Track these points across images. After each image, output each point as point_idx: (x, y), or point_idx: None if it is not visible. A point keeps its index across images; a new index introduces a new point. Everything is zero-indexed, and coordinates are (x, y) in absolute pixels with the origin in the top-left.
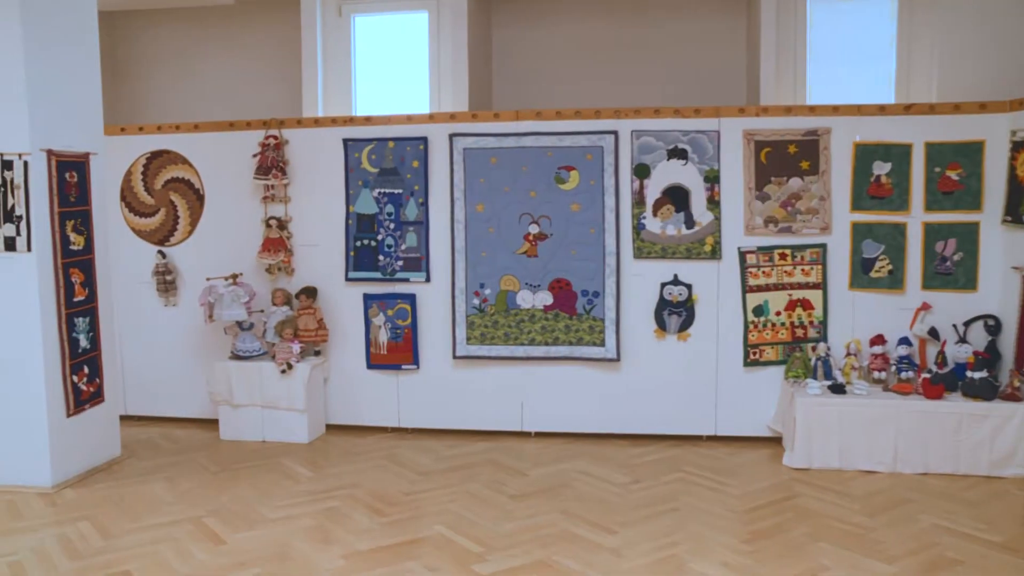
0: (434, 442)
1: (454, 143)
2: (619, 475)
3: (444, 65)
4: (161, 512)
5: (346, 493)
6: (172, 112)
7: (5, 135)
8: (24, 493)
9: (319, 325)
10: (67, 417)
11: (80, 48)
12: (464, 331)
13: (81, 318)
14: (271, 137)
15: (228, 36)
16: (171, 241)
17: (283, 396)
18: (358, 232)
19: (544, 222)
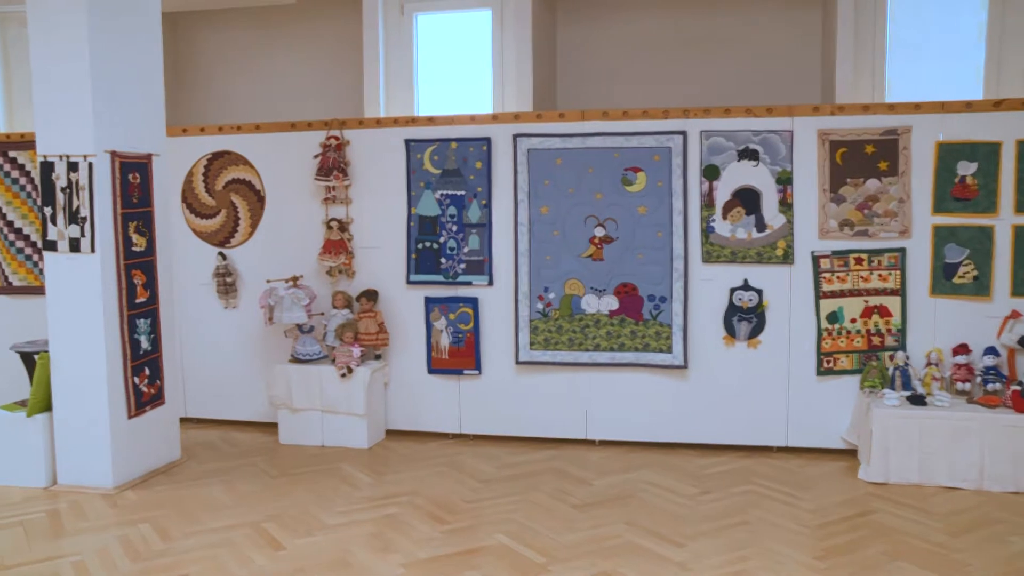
0: (496, 449)
1: (518, 144)
2: (686, 486)
3: (508, 64)
4: (220, 516)
5: (406, 500)
6: (233, 113)
7: (71, 137)
8: (87, 494)
9: (380, 329)
10: (128, 419)
11: (144, 49)
12: (527, 336)
13: (142, 319)
14: (332, 138)
15: (290, 36)
16: (232, 243)
17: (343, 400)
18: (420, 234)
19: (610, 225)
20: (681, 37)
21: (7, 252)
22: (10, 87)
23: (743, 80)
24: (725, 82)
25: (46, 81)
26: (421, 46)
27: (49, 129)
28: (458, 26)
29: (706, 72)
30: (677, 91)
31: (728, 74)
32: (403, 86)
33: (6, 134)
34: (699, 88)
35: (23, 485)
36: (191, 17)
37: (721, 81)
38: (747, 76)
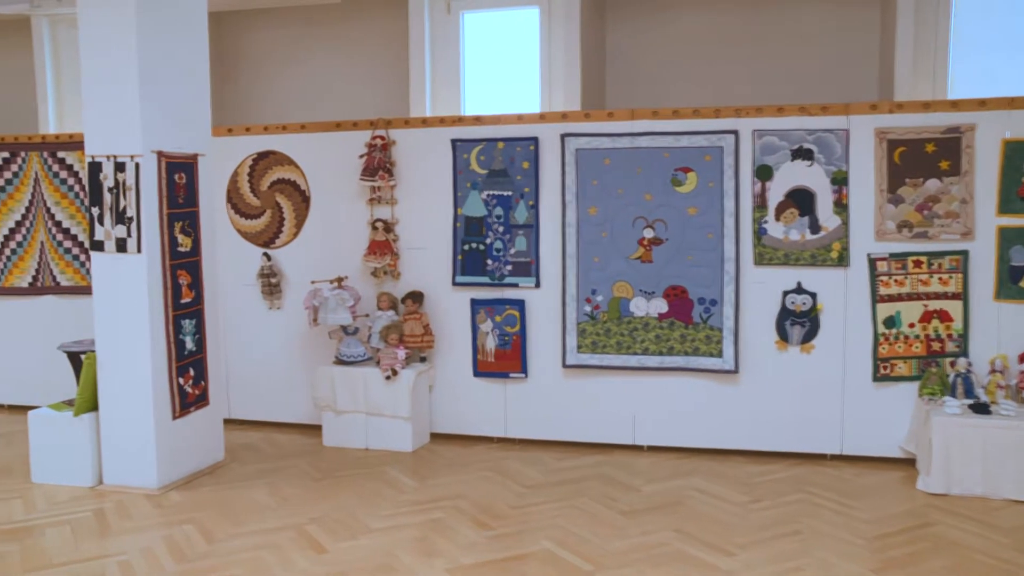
0: (542, 454)
1: (566, 143)
2: (737, 493)
3: (555, 62)
4: (264, 518)
5: (451, 505)
6: (279, 112)
7: (118, 138)
8: (132, 494)
9: (425, 331)
10: (173, 420)
11: (191, 50)
12: (575, 339)
13: (187, 320)
14: (378, 137)
15: (335, 35)
16: (276, 243)
17: (387, 403)
18: (466, 235)
19: (659, 226)
20: (733, 34)
21: (55, 252)
22: (60, 89)
23: (797, 78)
24: (778, 80)
25: (95, 82)
26: (468, 44)
27: (97, 130)
28: (505, 24)
29: (758, 70)
30: (729, 90)
31: (781, 72)
32: (450, 85)
33: (55, 135)
34: (751, 86)
35: (70, 484)
36: (237, 16)
37: (774, 79)
38: (801, 74)
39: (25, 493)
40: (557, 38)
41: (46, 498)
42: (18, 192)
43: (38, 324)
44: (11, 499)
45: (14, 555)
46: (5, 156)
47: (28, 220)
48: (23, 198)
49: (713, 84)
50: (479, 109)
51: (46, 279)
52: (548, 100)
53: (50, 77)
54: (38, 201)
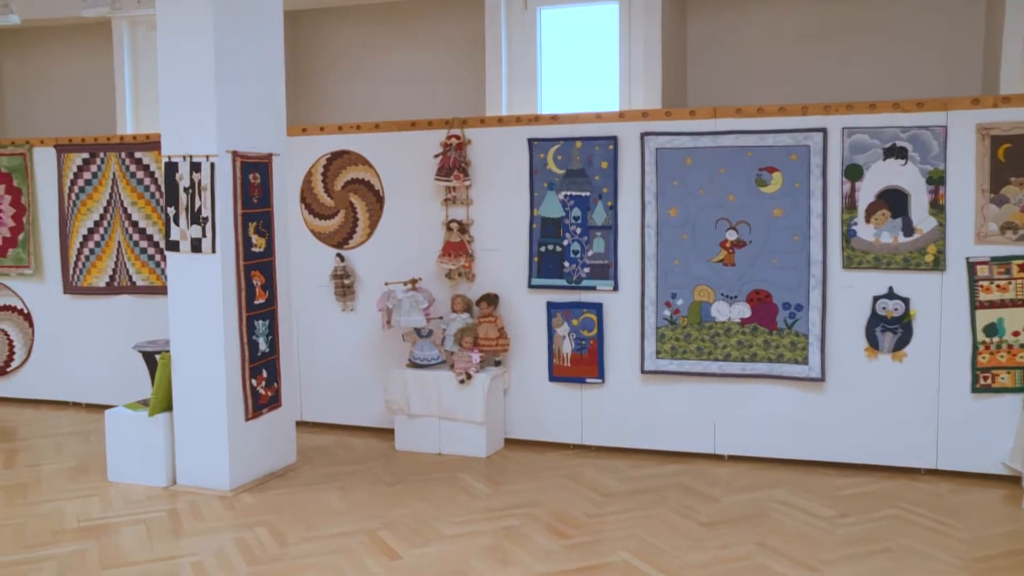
0: (619, 462)
1: (646, 143)
2: (823, 507)
3: (635, 59)
4: (336, 522)
5: (525, 512)
6: (353, 111)
7: (194, 138)
8: (204, 495)
9: (500, 334)
10: (245, 421)
11: (267, 50)
12: (654, 344)
13: (261, 321)
14: (453, 137)
15: (410, 33)
16: (350, 244)
17: (461, 407)
18: (543, 237)
19: (743, 228)
20: (821, 28)
21: (131, 252)
22: (138, 90)
23: (890, 73)
24: (868, 76)
25: (171, 83)
26: (545, 41)
27: (173, 130)
28: (583, 20)
29: (849, 65)
30: (816, 86)
31: (872, 67)
32: (526, 83)
33: (133, 136)
34: (841, 83)
35: (145, 483)
36: (311, 15)
37: (865, 75)
38: (894, 69)
39: (102, 491)
40: (637, 34)
41: (122, 497)
42: (97, 192)
43: (114, 324)
44: (89, 496)
45: (93, 552)
46: (85, 157)
47: (106, 220)
48: (101, 198)
49: (800, 80)
50: (556, 107)
51: (122, 279)
52: (627, 98)
53: (128, 78)
54: (115, 201)
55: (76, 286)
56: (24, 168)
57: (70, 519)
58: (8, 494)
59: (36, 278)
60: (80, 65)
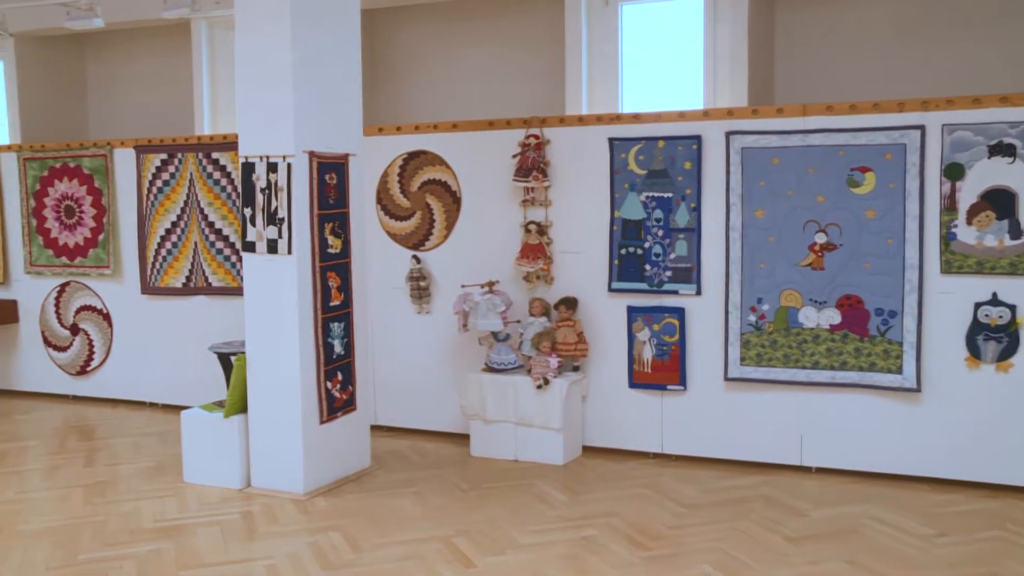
0: (701, 472)
1: (731, 142)
2: (919, 525)
3: (721, 56)
4: (410, 528)
5: (604, 522)
6: (430, 111)
7: (271, 138)
8: (279, 498)
9: (579, 339)
10: (320, 424)
11: (344, 49)
12: (738, 350)
13: (336, 323)
14: (532, 136)
15: (488, 30)
16: (426, 245)
17: (538, 413)
18: (623, 239)
19: (833, 231)
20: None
21: (207, 253)
22: (215, 90)
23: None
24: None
25: (249, 83)
26: (627, 38)
27: (250, 130)
28: (666, 16)
29: (949, 59)
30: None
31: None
32: (607, 81)
33: (209, 136)
34: (939, 77)
35: (220, 485)
36: (387, 13)
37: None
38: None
39: (178, 492)
40: (723, 29)
41: (197, 498)
42: (174, 193)
43: (190, 324)
44: (166, 497)
45: (169, 552)
46: (163, 158)
47: (183, 221)
48: (179, 199)
49: (895, 76)
50: (638, 106)
51: (199, 280)
52: (712, 96)
53: (206, 79)
54: (192, 202)
55: (153, 286)
56: (105, 169)
57: (147, 519)
58: (88, 492)
59: (115, 278)
60: (160, 66)
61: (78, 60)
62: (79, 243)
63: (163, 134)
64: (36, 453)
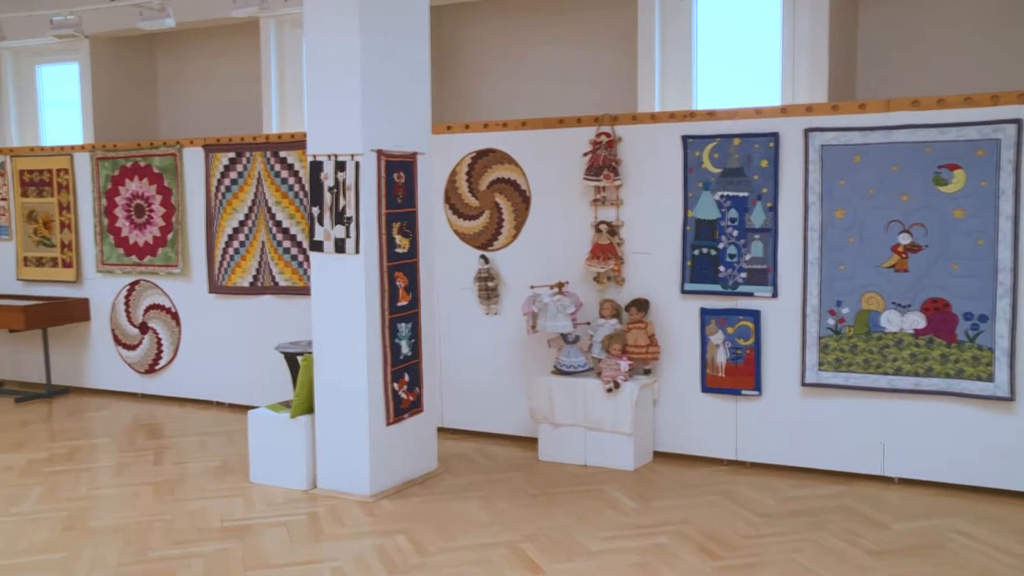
0: (776, 480)
1: (810, 139)
2: (1013, 542)
3: (800, 50)
4: (476, 533)
5: (675, 530)
6: (498, 109)
7: (340, 136)
8: (345, 500)
9: (650, 341)
10: (387, 426)
11: (412, 47)
12: (816, 355)
13: (403, 324)
14: (603, 135)
15: (557, 26)
16: (494, 245)
17: (608, 417)
18: (696, 240)
19: (918, 231)
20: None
21: (275, 252)
22: (283, 88)
23: None
24: None
25: (318, 81)
26: (701, 33)
27: (319, 129)
28: (743, 9)
29: None
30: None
31: None
32: (680, 77)
33: (277, 135)
34: None
35: (286, 486)
36: (456, 10)
37: None
38: None
39: (245, 492)
40: (802, 22)
41: (264, 498)
42: (242, 192)
43: (257, 324)
44: (232, 497)
45: (236, 552)
46: (231, 156)
47: (250, 220)
48: (246, 198)
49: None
50: (713, 103)
51: (266, 279)
52: (790, 91)
53: (274, 77)
54: (260, 201)
55: (221, 286)
56: (174, 168)
57: (214, 518)
58: (157, 491)
59: (183, 277)
60: (229, 65)
61: (149, 60)
62: (148, 242)
63: (231, 133)
64: (106, 450)
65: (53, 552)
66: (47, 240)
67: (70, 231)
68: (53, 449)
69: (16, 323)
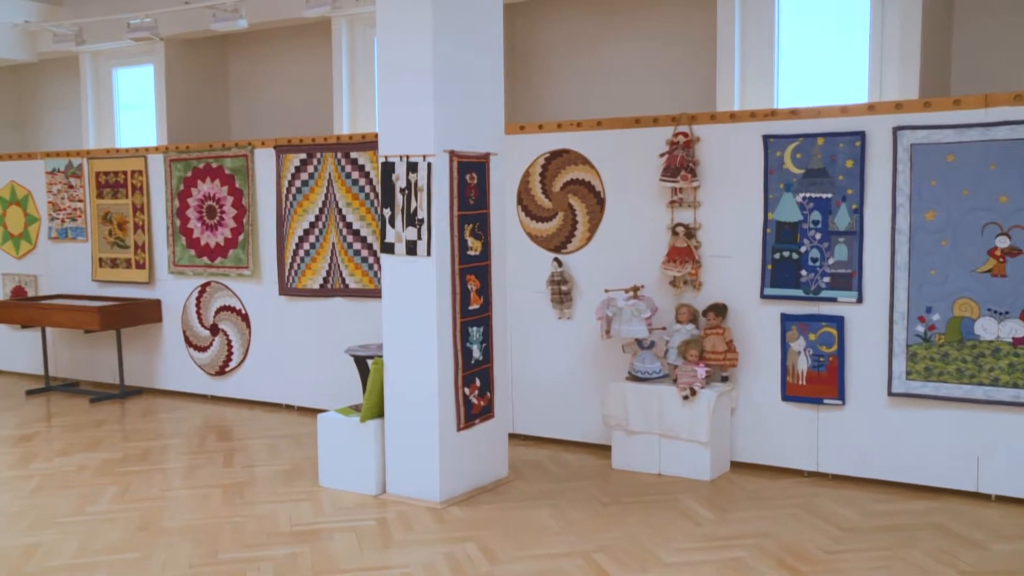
0: (860, 493)
1: (899, 138)
2: None
3: (889, 43)
4: (548, 542)
5: (753, 543)
6: (572, 108)
7: (412, 137)
8: (414, 506)
9: (728, 347)
10: (457, 431)
11: (486, 46)
12: (904, 363)
13: (475, 327)
14: (681, 134)
15: (632, 24)
16: (568, 248)
17: (684, 425)
18: (777, 243)
19: (1017, 234)
20: None
21: (345, 254)
22: (354, 88)
23: None
24: None
25: (390, 81)
26: (783, 28)
27: (391, 129)
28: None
29: None
30: None
31: None
32: (761, 74)
33: (348, 135)
34: None
35: (355, 491)
36: (530, 7)
37: None
38: None
39: (314, 496)
40: (892, 16)
41: (333, 502)
42: (313, 193)
43: (327, 326)
44: (301, 501)
45: (305, 556)
46: (302, 157)
47: (321, 222)
48: (317, 199)
49: None
50: (795, 101)
51: (336, 281)
52: (878, 88)
53: (346, 77)
54: (331, 202)
55: (291, 288)
56: (246, 169)
57: (284, 522)
58: (227, 493)
59: (254, 279)
60: (300, 66)
61: (221, 61)
62: (220, 243)
63: (302, 134)
64: (178, 452)
65: (128, 552)
66: (121, 241)
67: (143, 232)
68: (126, 449)
69: (91, 324)
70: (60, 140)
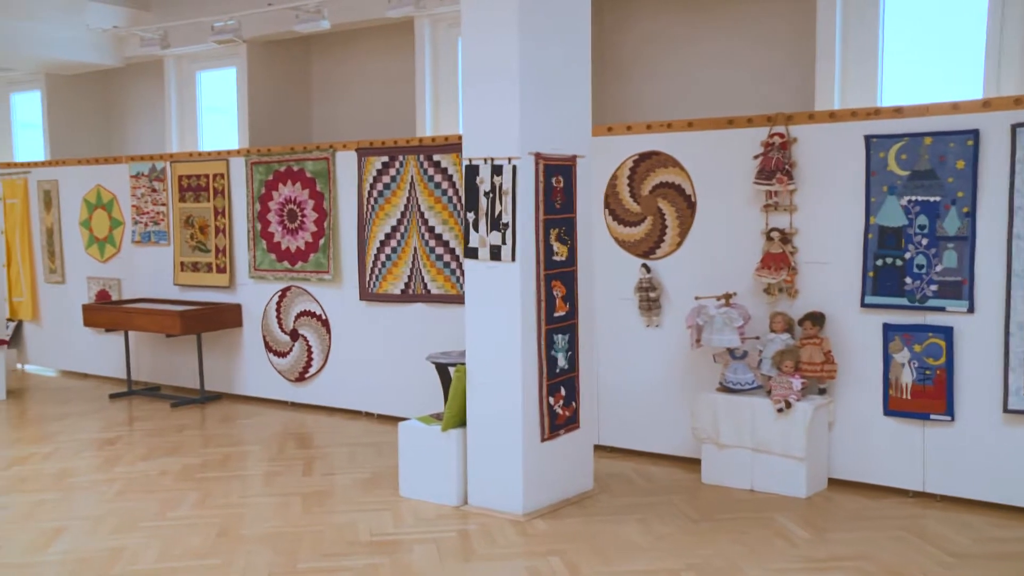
0: (972, 516)
1: (1018, 136)
2: None
3: (1008, 35)
4: (635, 558)
5: (853, 565)
6: (662, 109)
7: (496, 139)
8: (496, 518)
9: (826, 358)
10: (541, 442)
11: (572, 45)
12: (1020, 378)
13: (560, 335)
14: (776, 135)
15: (724, 21)
16: (657, 254)
17: (778, 440)
18: (880, 248)
19: None
20: None
21: (427, 259)
22: (437, 90)
23: None
24: None
25: (474, 81)
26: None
27: (475, 131)
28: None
29: None
30: None
31: None
32: (864, 71)
33: (431, 137)
34: None
35: (436, 501)
36: (618, 5)
37: None
38: None
39: (394, 506)
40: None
41: (413, 513)
42: (395, 197)
43: (408, 333)
44: (381, 511)
45: (385, 568)
46: (384, 160)
47: (403, 226)
48: (399, 203)
49: None
50: (900, 99)
51: (417, 287)
52: (995, 83)
53: (429, 78)
54: (413, 206)
55: (372, 293)
56: (327, 172)
57: (363, 532)
58: (306, 501)
59: (334, 284)
60: (382, 66)
61: (303, 63)
62: (300, 247)
63: (384, 136)
64: (257, 458)
65: (208, 558)
66: (202, 245)
67: (224, 236)
68: (206, 455)
69: (173, 328)
70: (144, 144)
